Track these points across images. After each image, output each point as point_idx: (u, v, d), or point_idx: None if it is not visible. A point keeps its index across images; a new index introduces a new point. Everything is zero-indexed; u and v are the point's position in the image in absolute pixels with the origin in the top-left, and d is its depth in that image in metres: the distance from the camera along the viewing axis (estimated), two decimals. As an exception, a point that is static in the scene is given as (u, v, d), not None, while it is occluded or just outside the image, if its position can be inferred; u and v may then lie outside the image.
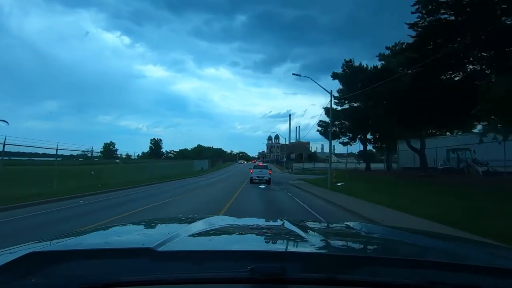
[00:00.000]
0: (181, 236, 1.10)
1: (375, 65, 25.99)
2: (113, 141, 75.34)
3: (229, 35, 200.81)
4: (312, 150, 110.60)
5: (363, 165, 37.45)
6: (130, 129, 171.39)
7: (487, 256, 1.13)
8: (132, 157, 30.93)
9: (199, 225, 1.40)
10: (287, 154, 41.62)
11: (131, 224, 1.55)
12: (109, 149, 61.60)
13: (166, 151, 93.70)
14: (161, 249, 0.90)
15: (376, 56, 23.65)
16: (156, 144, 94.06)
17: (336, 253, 1.01)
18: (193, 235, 1.18)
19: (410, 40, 17.66)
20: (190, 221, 1.53)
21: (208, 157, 71.33)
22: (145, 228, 1.55)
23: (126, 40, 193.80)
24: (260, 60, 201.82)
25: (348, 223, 1.76)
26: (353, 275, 0.83)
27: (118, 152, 49.27)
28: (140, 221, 1.64)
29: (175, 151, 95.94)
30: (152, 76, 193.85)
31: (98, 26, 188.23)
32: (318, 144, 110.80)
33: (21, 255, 0.85)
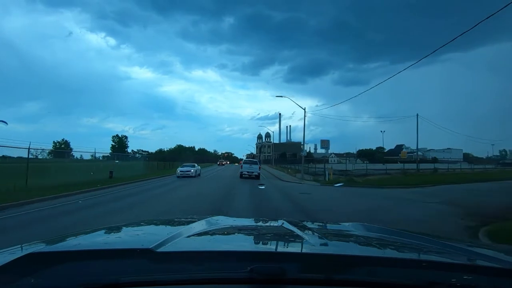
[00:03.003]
0: (180, 237, 1.17)
1: None
2: (66, 140, 71.51)
3: (217, 37, 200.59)
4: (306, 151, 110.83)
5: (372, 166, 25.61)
6: (116, 132, 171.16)
7: (484, 256, 1.21)
8: (99, 158, 29.59)
9: (198, 226, 1.47)
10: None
11: (130, 225, 1.61)
12: (60, 149, 56.00)
13: (133, 150, 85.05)
14: (160, 249, 0.96)
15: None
16: (120, 142, 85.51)
17: (335, 253, 1.08)
18: (193, 236, 1.26)
19: None
20: (189, 221, 1.60)
21: (188, 157, 63.38)
22: (144, 229, 1.62)
23: (112, 41, 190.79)
24: (248, 62, 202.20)
25: (346, 224, 1.85)
26: (352, 275, 0.90)
27: (75, 151, 46.42)
28: (139, 221, 1.71)
29: (144, 151, 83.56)
30: (138, 78, 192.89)
31: (82, 27, 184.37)
32: (309, 145, 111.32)
33: (20, 256, 0.90)
